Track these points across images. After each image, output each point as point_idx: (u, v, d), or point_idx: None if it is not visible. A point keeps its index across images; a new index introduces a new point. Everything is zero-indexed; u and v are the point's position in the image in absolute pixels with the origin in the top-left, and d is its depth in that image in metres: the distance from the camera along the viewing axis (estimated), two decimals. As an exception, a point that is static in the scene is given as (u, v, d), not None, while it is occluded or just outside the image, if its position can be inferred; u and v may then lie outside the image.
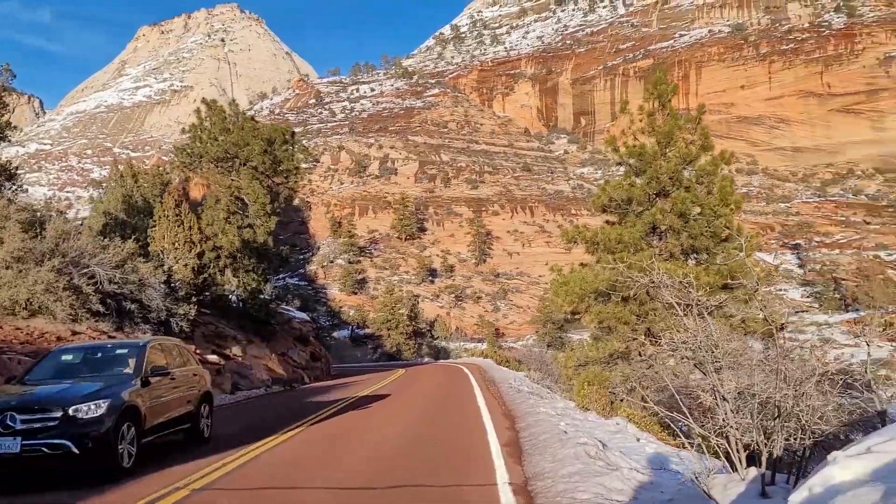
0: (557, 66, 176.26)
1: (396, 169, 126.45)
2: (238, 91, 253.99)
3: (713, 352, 5.34)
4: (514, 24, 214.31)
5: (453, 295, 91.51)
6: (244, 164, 31.51)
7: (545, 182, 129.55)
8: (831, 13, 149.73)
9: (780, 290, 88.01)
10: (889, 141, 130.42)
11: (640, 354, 19.70)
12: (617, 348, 18.77)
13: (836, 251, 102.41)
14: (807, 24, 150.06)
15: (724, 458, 5.38)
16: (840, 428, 5.14)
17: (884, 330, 65.87)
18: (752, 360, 5.62)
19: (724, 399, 5.19)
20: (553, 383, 25.94)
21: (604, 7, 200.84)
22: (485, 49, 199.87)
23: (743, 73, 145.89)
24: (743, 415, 5.08)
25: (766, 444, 4.88)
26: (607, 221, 19.30)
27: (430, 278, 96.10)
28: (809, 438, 4.76)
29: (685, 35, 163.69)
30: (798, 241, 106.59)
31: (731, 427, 5.07)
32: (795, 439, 4.85)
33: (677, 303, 6.18)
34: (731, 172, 17.97)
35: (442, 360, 58.94)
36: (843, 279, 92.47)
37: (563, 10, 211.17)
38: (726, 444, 5.20)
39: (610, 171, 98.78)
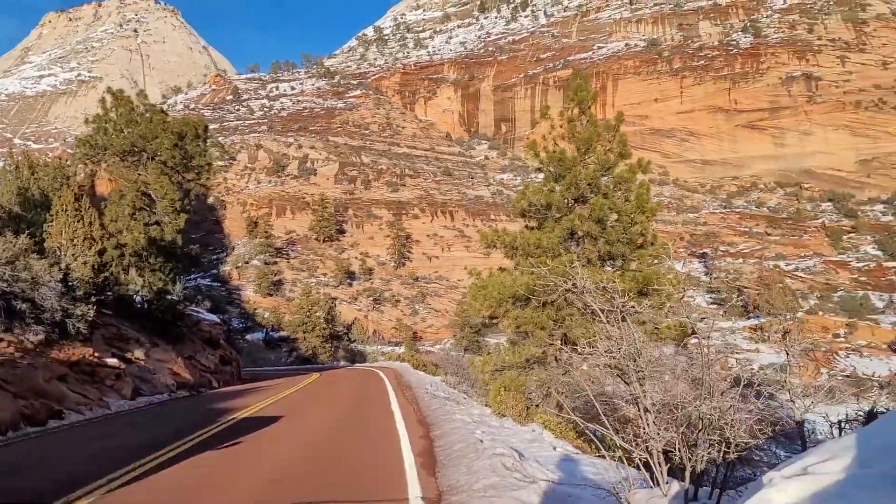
0: (480, 73, 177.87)
1: (316, 169, 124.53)
2: (151, 84, 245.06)
3: (636, 360, 5.14)
4: (438, 29, 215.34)
5: (372, 298, 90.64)
6: (152, 159, 30.04)
7: (466, 187, 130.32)
8: (739, 33, 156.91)
9: (688, 297, 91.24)
10: (789, 157, 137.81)
11: (556, 360, 19.78)
12: (534, 353, 18.71)
13: (740, 260, 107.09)
14: (716, 43, 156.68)
15: (645, 471, 5.17)
16: (763, 440, 5.01)
17: (782, 337, 69.55)
18: (676, 369, 5.46)
19: (647, 410, 4.98)
20: (469, 388, 25.77)
21: (526, 17, 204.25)
22: (408, 52, 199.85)
23: (657, 86, 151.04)
24: (666, 426, 4.89)
25: (689, 457, 4.70)
26: (526, 226, 19.24)
27: (349, 281, 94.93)
28: (734, 452, 4.60)
29: (603, 48, 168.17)
30: (705, 250, 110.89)
31: (654, 439, 4.87)
32: (718, 452, 4.69)
33: (601, 309, 5.96)
34: (647, 181, 18.20)
35: (359, 364, 58.11)
36: (746, 287, 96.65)
37: (486, 18, 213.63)
38: (648, 457, 5.00)
39: (529, 178, 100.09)
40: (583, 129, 18.04)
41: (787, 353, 6.16)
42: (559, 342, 19.10)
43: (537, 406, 18.67)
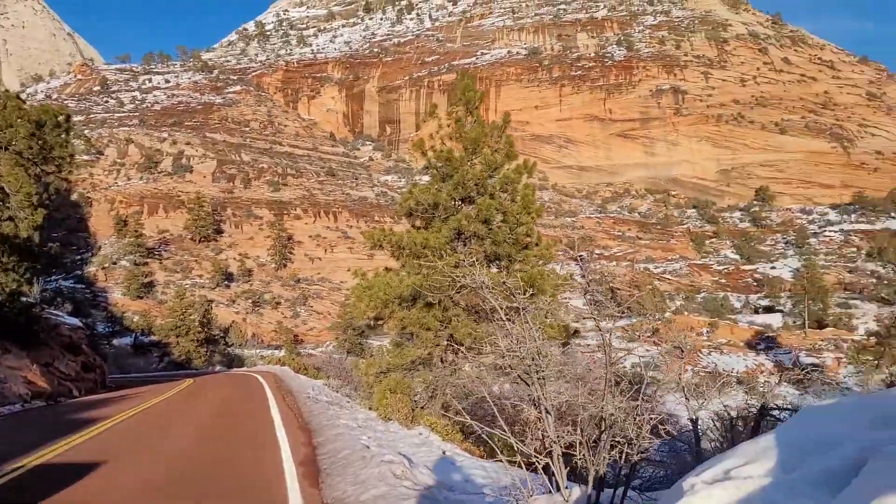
0: (364, 73, 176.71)
1: (192, 167, 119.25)
2: (8, 72, 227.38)
3: (535, 360, 4.91)
4: (322, 27, 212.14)
5: (251, 300, 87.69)
6: (6, 149, 27.44)
7: (350, 188, 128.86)
8: (614, 46, 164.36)
9: (566, 298, 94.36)
10: (658, 165, 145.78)
11: (442, 361, 19.62)
12: (420, 354, 18.46)
13: (614, 263, 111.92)
14: (593, 54, 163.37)
15: (545, 475, 4.95)
16: (667, 439, 4.92)
17: (651, 335, 73.42)
18: (577, 368, 5.30)
19: (548, 412, 4.77)
20: (353, 391, 25.21)
21: (411, 20, 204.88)
22: (291, 49, 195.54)
23: (537, 94, 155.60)
24: (570, 429, 4.68)
25: (593, 460, 4.52)
26: (413, 226, 18.96)
27: (226, 283, 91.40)
28: (637, 453, 4.47)
29: (487, 54, 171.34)
30: (581, 253, 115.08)
31: (555, 442, 4.65)
32: (620, 453, 4.54)
33: (502, 306, 5.72)
34: (532, 183, 18.38)
35: (236, 369, 55.94)
36: (619, 289, 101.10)
37: (371, 18, 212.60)
38: (549, 461, 4.78)
39: (414, 180, 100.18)
40: (470, 129, 17.97)
41: (682, 350, 6.19)
42: (444, 342, 18.97)
43: (422, 408, 18.44)
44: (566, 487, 4.68)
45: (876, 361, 37.54)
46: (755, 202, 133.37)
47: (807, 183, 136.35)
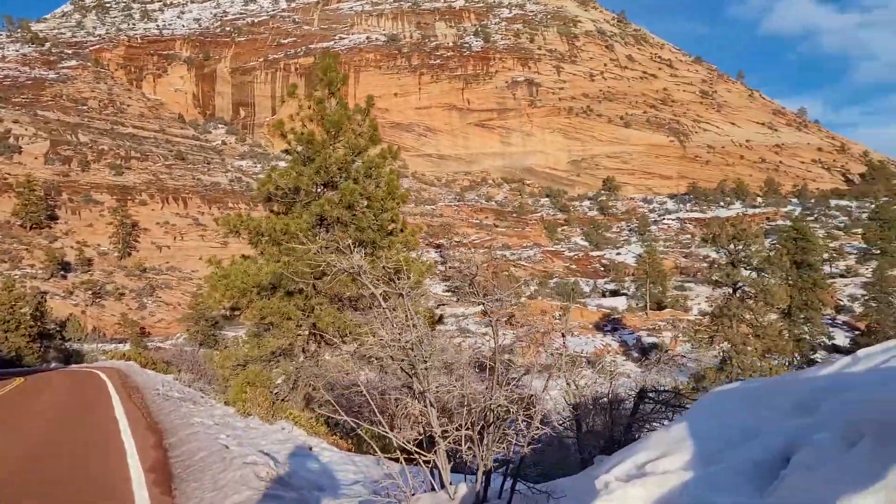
0: (216, 53, 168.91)
1: (21, 147, 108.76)
2: None
3: (418, 349, 4.58)
4: (169, 2, 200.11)
5: (91, 292, 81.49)
6: None
7: (201, 173, 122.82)
8: (472, 37, 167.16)
9: (427, 284, 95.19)
10: (513, 155, 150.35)
11: (304, 351, 18.93)
12: (280, 345, 17.68)
13: (472, 250, 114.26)
14: (451, 44, 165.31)
15: (426, 470, 4.64)
16: (561, 428, 4.76)
17: (507, 320, 75.36)
18: (461, 358, 5.04)
19: (432, 404, 4.47)
20: (207, 384, 23.96)
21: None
22: (133, 24, 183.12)
23: (397, 81, 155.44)
24: (459, 422, 4.40)
25: (481, 454, 4.27)
26: (272, 211, 18.08)
27: (62, 273, 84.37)
28: (527, 444, 4.26)
29: (345, 38, 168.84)
30: (441, 241, 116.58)
31: (439, 436, 4.36)
32: (509, 446, 4.32)
33: (383, 292, 5.34)
34: (397, 168, 18.06)
35: (75, 365, 51.74)
36: (476, 275, 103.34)
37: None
38: (433, 456, 4.48)
39: (270, 165, 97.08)
40: (333, 111, 17.34)
41: (563, 336, 6.07)
42: (307, 332, 18.29)
43: (283, 400, 17.68)
44: (451, 483, 4.41)
45: (710, 339, 40.59)
46: (602, 192, 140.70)
47: (648, 174, 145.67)
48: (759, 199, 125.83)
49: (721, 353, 39.11)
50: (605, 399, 5.99)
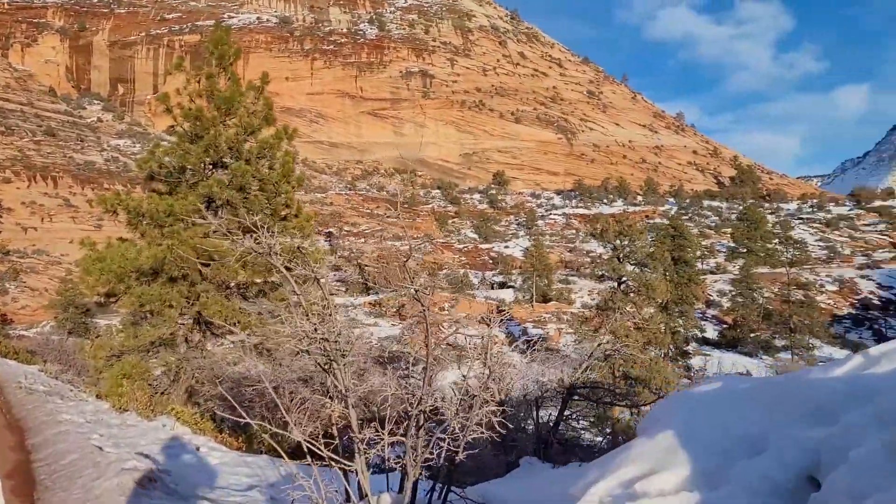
0: (93, 24, 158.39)
1: None
2: None
3: (337, 341, 4.07)
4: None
5: (-57, 276, 74.50)
6: None
7: (73, 150, 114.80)
8: (366, 24, 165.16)
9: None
10: (406, 145, 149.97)
11: (187, 341, 17.77)
12: (161, 334, 16.50)
13: (362, 240, 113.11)
14: (345, 30, 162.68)
15: (344, 479, 4.13)
16: (493, 432, 4.36)
17: (396, 311, 75.66)
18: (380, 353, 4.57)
19: (354, 406, 3.98)
20: (77, 376, 22.16)
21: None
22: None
23: (288, 65, 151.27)
24: (391, 428, 3.92)
25: (412, 461, 3.82)
26: (155, 190, 16.80)
27: None
28: (462, 449, 3.84)
29: (234, 18, 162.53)
30: (331, 230, 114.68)
31: (360, 441, 3.87)
32: (439, 451, 3.88)
33: (299, 276, 4.77)
34: (292, 150, 17.22)
35: (-78, 357, 47.00)
36: (367, 265, 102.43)
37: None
38: (350, 463, 3.98)
39: (152, 144, 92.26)
40: (225, 86, 16.31)
41: (489, 325, 5.69)
42: (191, 321, 17.19)
43: (163, 394, 16.53)
44: (374, 494, 3.93)
45: (594, 332, 41.84)
46: (493, 185, 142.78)
47: (537, 170, 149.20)
48: (640, 198, 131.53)
49: (605, 346, 40.41)
50: (532, 396, 5.70)
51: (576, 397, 6.04)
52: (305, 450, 3.94)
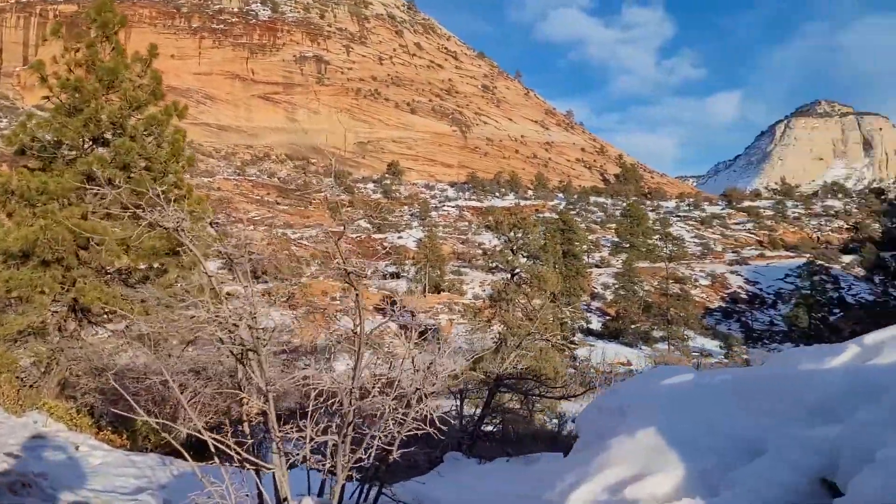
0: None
1: None
2: None
3: (253, 329, 3.69)
4: None
5: None
6: None
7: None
8: (259, 4, 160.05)
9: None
10: (299, 132, 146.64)
11: (61, 330, 16.47)
12: (31, 322, 15.20)
13: (252, 227, 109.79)
14: (236, 10, 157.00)
15: (259, 482, 3.74)
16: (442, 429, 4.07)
17: (287, 300, 74.09)
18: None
19: (272, 402, 3.60)
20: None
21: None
22: None
23: (174, 42, 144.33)
24: (317, 425, 3.55)
25: (343, 462, 3.49)
26: (26, 166, 15.40)
27: None
28: (397, 449, 3.55)
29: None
30: (218, 217, 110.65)
31: (277, 440, 3.52)
32: (367, 451, 3.55)
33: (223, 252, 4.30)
34: (183, 128, 16.22)
35: None
36: (257, 253, 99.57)
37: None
38: (275, 465, 3.60)
39: (18, 121, 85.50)
40: (108, 57, 15.14)
41: (413, 315, 5.40)
42: (66, 308, 15.93)
43: (32, 387, 15.24)
44: (294, 498, 3.57)
45: (488, 321, 42.45)
46: (387, 175, 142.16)
47: (431, 161, 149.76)
48: (531, 192, 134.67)
49: (498, 335, 41.03)
50: (455, 388, 5.49)
51: (503, 389, 5.91)
52: (213, 449, 3.53)
